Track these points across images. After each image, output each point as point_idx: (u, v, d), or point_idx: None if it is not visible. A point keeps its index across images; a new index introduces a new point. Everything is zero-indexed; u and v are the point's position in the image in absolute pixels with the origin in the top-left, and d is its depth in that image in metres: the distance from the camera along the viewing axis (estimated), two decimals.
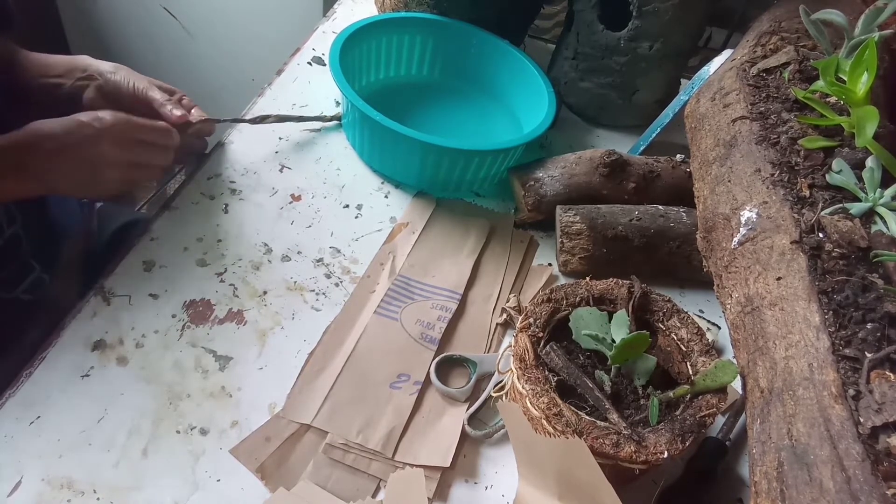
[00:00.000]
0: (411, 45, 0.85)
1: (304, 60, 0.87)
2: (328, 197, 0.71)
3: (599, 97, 0.86)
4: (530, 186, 0.71)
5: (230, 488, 0.49)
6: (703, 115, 0.60)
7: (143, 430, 0.51)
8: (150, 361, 0.55)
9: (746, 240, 0.48)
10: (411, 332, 0.60)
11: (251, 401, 0.54)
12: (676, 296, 0.69)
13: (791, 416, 0.38)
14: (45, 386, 0.52)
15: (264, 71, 1.01)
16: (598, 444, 0.44)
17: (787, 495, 0.36)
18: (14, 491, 0.46)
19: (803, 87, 0.55)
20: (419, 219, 0.71)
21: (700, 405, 0.47)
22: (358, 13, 0.97)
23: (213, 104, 0.70)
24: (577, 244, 0.67)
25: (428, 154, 0.69)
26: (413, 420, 0.55)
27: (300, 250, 0.65)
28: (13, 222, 0.65)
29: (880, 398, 0.35)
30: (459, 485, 0.52)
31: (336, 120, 0.79)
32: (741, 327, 0.46)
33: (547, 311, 0.52)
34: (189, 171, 0.70)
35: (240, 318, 0.59)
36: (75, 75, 0.67)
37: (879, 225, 0.45)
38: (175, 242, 0.63)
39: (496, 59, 0.84)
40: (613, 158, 0.70)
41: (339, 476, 0.51)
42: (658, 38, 0.79)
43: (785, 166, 0.50)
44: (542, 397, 0.46)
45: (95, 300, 0.57)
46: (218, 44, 1.45)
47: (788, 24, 0.63)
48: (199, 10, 1.40)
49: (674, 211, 0.69)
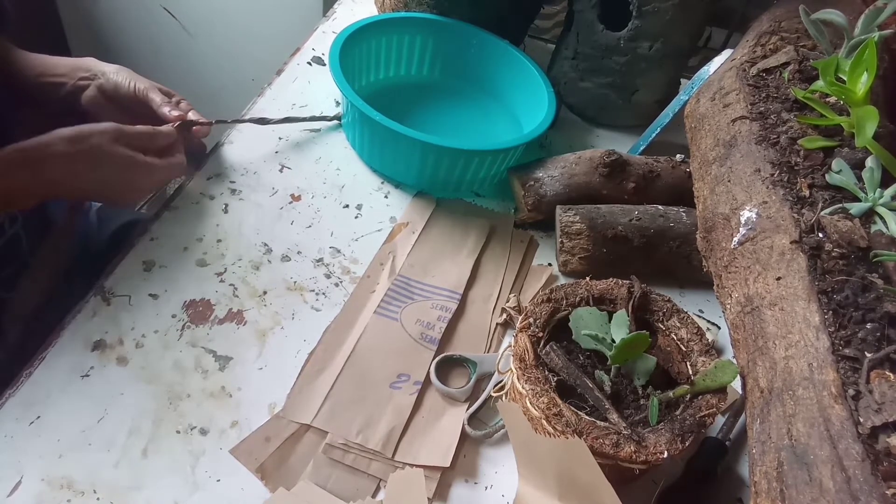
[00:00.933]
0: (411, 45, 0.85)
1: (304, 60, 0.87)
2: (328, 197, 0.71)
3: (599, 97, 0.86)
4: (530, 186, 0.71)
5: (230, 488, 0.49)
6: (702, 115, 0.60)
7: (143, 430, 0.51)
8: (150, 361, 0.55)
9: (746, 240, 0.48)
10: (411, 332, 0.60)
11: (251, 401, 0.54)
12: (676, 296, 0.69)
13: (791, 416, 0.38)
14: (45, 386, 0.52)
15: (264, 71, 1.01)
16: (598, 444, 0.44)
17: (787, 495, 0.36)
18: (14, 491, 0.46)
19: (803, 87, 0.55)
20: (419, 219, 0.71)
21: (700, 405, 0.47)
22: (358, 13, 0.97)
23: (213, 104, 0.70)
24: (577, 244, 0.67)
25: (428, 154, 0.69)
26: (413, 420, 0.55)
27: (300, 250, 0.65)
28: (14, 222, 0.65)
29: (880, 398, 0.35)
30: (459, 485, 0.52)
31: (337, 120, 0.79)
32: (741, 327, 0.46)
33: (547, 311, 0.52)
34: (189, 172, 0.70)
35: (240, 318, 0.59)
36: (78, 75, 0.67)
37: (879, 225, 0.45)
38: (175, 242, 0.63)
39: (496, 59, 0.84)
40: (613, 158, 0.70)
41: (339, 476, 0.51)
42: (658, 38, 0.79)
43: (785, 166, 0.50)
44: (542, 397, 0.46)
45: (95, 300, 0.57)
46: (218, 44, 1.45)
47: (788, 24, 0.63)
48: (199, 10, 1.40)
49: (674, 211, 0.69)
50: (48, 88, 0.67)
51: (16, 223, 0.65)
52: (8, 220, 0.64)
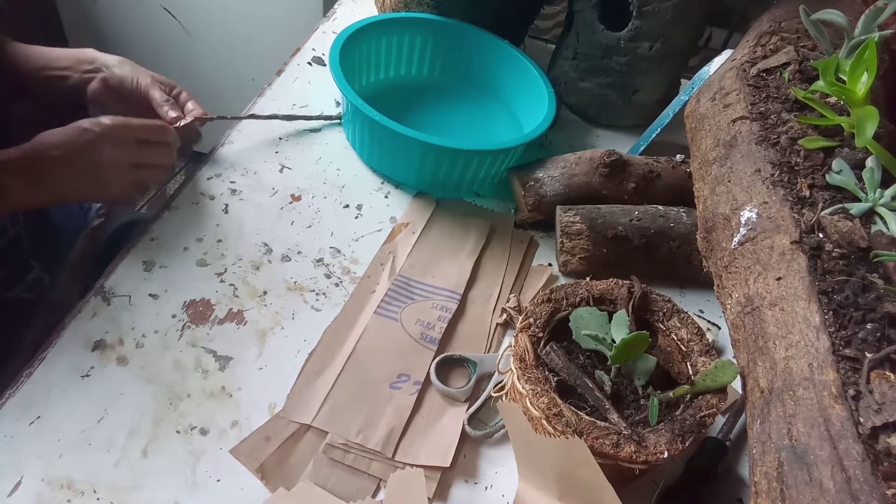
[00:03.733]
0: (411, 45, 0.85)
1: (304, 60, 0.87)
2: (328, 197, 0.71)
3: (599, 97, 0.86)
4: (530, 186, 0.71)
5: (230, 488, 0.49)
6: (703, 116, 0.60)
7: (143, 430, 0.51)
8: (150, 361, 0.55)
9: (746, 240, 0.48)
10: (411, 333, 0.60)
11: (251, 401, 0.54)
12: (676, 296, 0.69)
13: (791, 417, 0.38)
14: (45, 386, 0.52)
15: (264, 71, 1.01)
16: (598, 444, 0.44)
17: (787, 495, 0.36)
18: (14, 491, 0.46)
19: (803, 87, 0.55)
20: (419, 219, 0.71)
21: (700, 405, 0.47)
22: (358, 13, 0.97)
23: (213, 104, 0.70)
24: (577, 244, 0.67)
25: (428, 154, 0.69)
26: (413, 420, 0.55)
27: (300, 250, 0.65)
28: (16, 222, 0.65)
29: (880, 398, 0.35)
30: (459, 485, 0.52)
31: (339, 119, 0.79)
32: (741, 327, 0.46)
33: (547, 311, 0.52)
34: (189, 171, 0.70)
35: (240, 318, 0.59)
36: (82, 67, 0.67)
37: (879, 225, 0.45)
38: (175, 242, 0.63)
39: (496, 59, 0.84)
40: (613, 158, 0.70)
41: (339, 476, 0.51)
42: (658, 38, 0.79)
43: (785, 166, 0.50)
44: (542, 397, 0.46)
45: (95, 300, 0.57)
46: (218, 44, 1.45)
47: (788, 24, 0.63)
48: (199, 10, 1.40)
49: (674, 211, 0.69)
50: (53, 81, 0.67)
51: (17, 223, 0.65)
52: (10, 221, 0.64)
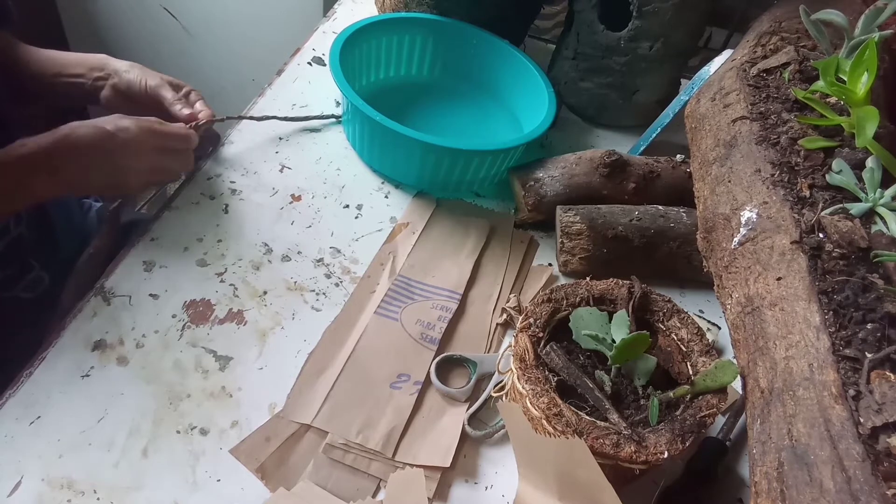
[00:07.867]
0: (411, 45, 0.85)
1: (305, 60, 0.87)
2: (328, 197, 0.71)
3: (599, 97, 0.86)
4: (530, 186, 0.71)
5: (230, 488, 0.49)
6: (703, 116, 0.60)
7: (143, 430, 0.51)
8: (150, 361, 0.55)
9: (746, 240, 0.48)
10: (411, 332, 0.60)
11: (251, 401, 0.54)
12: (676, 296, 0.69)
13: (791, 417, 0.38)
14: (45, 386, 0.52)
15: (264, 71, 1.01)
16: (599, 444, 0.44)
17: (787, 495, 0.36)
18: (14, 491, 0.46)
19: (803, 87, 0.55)
20: (419, 219, 0.71)
21: (700, 405, 0.47)
22: (358, 13, 0.97)
23: (213, 105, 0.70)
24: (577, 244, 0.67)
25: (428, 154, 0.69)
26: (413, 420, 0.55)
27: (300, 250, 0.65)
28: (20, 223, 0.65)
29: (880, 398, 0.35)
30: (459, 485, 0.52)
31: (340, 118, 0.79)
32: (741, 327, 0.46)
33: (547, 311, 0.52)
34: (196, 168, 0.70)
35: (240, 318, 0.59)
36: (94, 74, 0.68)
37: (879, 225, 0.45)
38: (175, 242, 0.63)
39: (496, 59, 0.84)
40: (613, 159, 0.70)
41: (339, 476, 0.51)
42: (658, 38, 0.79)
43: (785, 166, 0.50)
44: (542, 397, 0.46)
45: (95, 300, 0.57)
46: (218, 44, 1.45)
47: (788, 24, 0.63)
48: (199, 10, 1.40)
49: (674, 211, 0.69)
50: (68, 89, 0.68)
51: (21, 223, 0.65)
52: (14, 221, 0.64)
